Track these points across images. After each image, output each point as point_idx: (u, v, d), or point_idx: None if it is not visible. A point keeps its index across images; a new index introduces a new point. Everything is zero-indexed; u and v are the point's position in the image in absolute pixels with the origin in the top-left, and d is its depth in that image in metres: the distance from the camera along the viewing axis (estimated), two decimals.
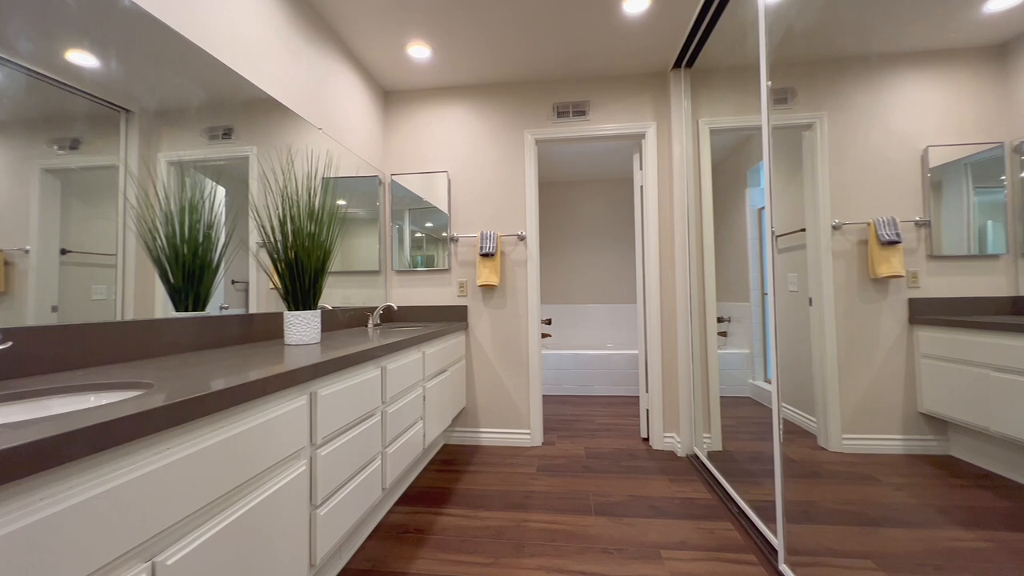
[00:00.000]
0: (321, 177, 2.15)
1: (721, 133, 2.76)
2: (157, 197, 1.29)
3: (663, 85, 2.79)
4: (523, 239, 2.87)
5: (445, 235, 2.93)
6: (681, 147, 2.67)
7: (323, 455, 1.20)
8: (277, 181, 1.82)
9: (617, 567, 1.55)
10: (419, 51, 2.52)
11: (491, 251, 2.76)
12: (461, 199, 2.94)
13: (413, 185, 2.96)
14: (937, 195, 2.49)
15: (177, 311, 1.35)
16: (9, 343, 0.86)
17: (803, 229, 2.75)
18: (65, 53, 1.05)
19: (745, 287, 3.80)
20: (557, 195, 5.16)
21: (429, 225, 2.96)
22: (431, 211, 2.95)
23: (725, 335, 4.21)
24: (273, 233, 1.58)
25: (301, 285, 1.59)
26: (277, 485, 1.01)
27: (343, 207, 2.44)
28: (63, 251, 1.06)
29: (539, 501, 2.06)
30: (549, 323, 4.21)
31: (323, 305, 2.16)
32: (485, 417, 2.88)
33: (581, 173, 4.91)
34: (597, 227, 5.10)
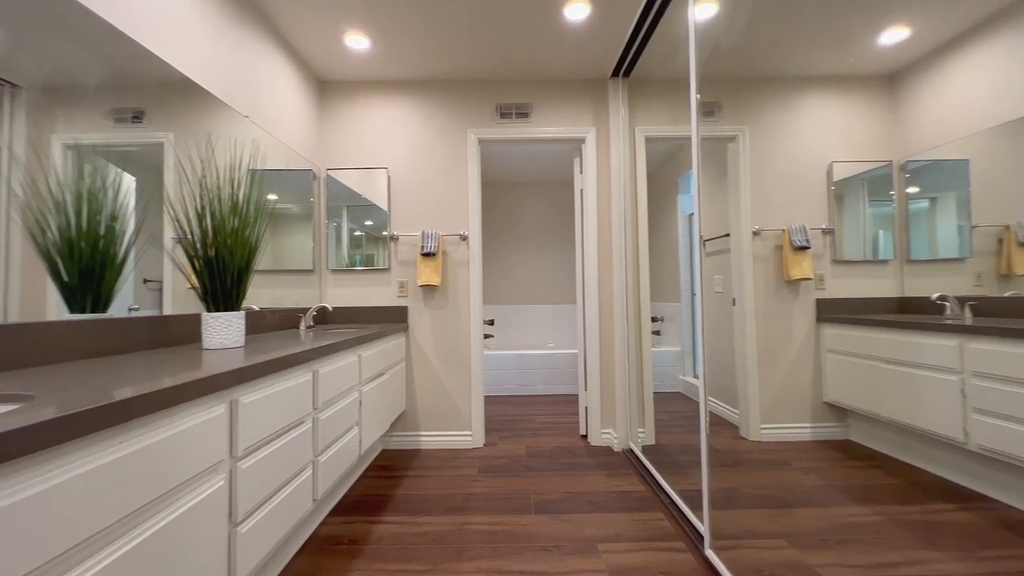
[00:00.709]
0: (247, 168, 2.00)
1: (656, 141, 2.90)
2: (48, 184, 1.13)
3: (603, 92, 2.89)
4: (465, 239, 2.85)
5: (385, 234, 2.84)
6: (619, 153, 2.77)
7: (245, 468, 1.12)
8: (195, 171, 1.67)
9: (556, 564, 1.57)
10: (357, 41, 2.42)
11: (433, 251, 2.72)
12: (402, 197, 2.87)
13: (351, 181, 2.85)
14: (840, 206, 2.78)
15: (72, 312, 1.20)
16: None
17: (728, 234, 2.95)
18: None
19: (677, 288, 4.02)
20: (500, 196, 5.18)
21: (369, 223, 2.85)
22: (371, 209, 2.85)
23: (659, 334, 4.43)
24: (190, 227, 1.44)
25: (222, 284, 1.47)
26: (190, 503, 0.92)
27: (274, 202, 2.30)
28: None
29: (480, 503, 2.05)
30: (492, 324, 4.22)
31: (249, 306, 2.02)
32: (426, 420, 2.83)
33: (524, 175, 4.97)
34: (539, 228, 5.18)
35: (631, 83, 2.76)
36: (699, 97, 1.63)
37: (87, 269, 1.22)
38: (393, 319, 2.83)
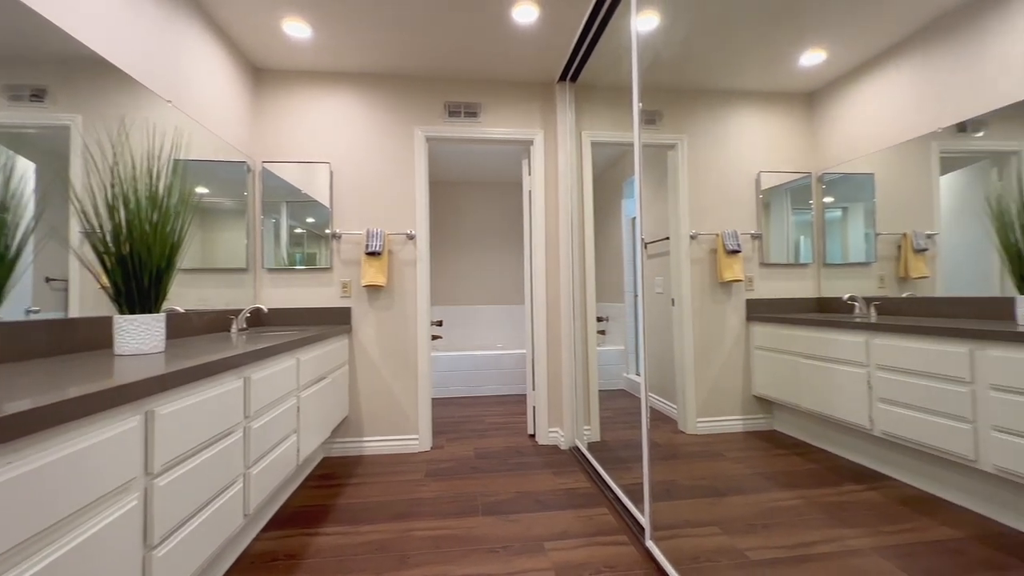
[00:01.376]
0: (170, 158, 1.84)
1: (602, 146, 2.99)
2: None
3: (550, 95, 2.93)
4: (412, 238, 2.79)
5: (328, 232, 2.71)
6: (566, 156, 2.82)
7: (162, 485, 1.02)
8: (106, 158, 1.51)
9: (503, 565, 1.57)
10: (298, 28, 2.30)
11: (378, 250, 2.63)
12: (345, 193, 2.75)
13: (291, 176, 2.70)
14: (767, 213, 2.99)
15: None
16: None
17: (667, 237, 3.09)
18: None
19: (620, 289, 4.16)
20: (449, 195, 5.12)
21: (310, 220, 2.72)
22: (312, 205, 2.71)
23: (604, 333, 4.57)
24: (99, 221, 1.30)
25: (139, 284, 1.34)
26: (96, 527, 0.83)
27: (203, 195, 2.13)
28: None
29: (426, 508, 2.01)
30: (440, 324, 4.16)
31: (172, 308, 1.86)
32: (370, 425, 2.74)
33: (473, 174, 4.94)
34: (488, 229, 5.17)
35: (578, 88, 2.82)
36: (641, 105, 1.69)
37: None
38: (335, 320, 2.71)
